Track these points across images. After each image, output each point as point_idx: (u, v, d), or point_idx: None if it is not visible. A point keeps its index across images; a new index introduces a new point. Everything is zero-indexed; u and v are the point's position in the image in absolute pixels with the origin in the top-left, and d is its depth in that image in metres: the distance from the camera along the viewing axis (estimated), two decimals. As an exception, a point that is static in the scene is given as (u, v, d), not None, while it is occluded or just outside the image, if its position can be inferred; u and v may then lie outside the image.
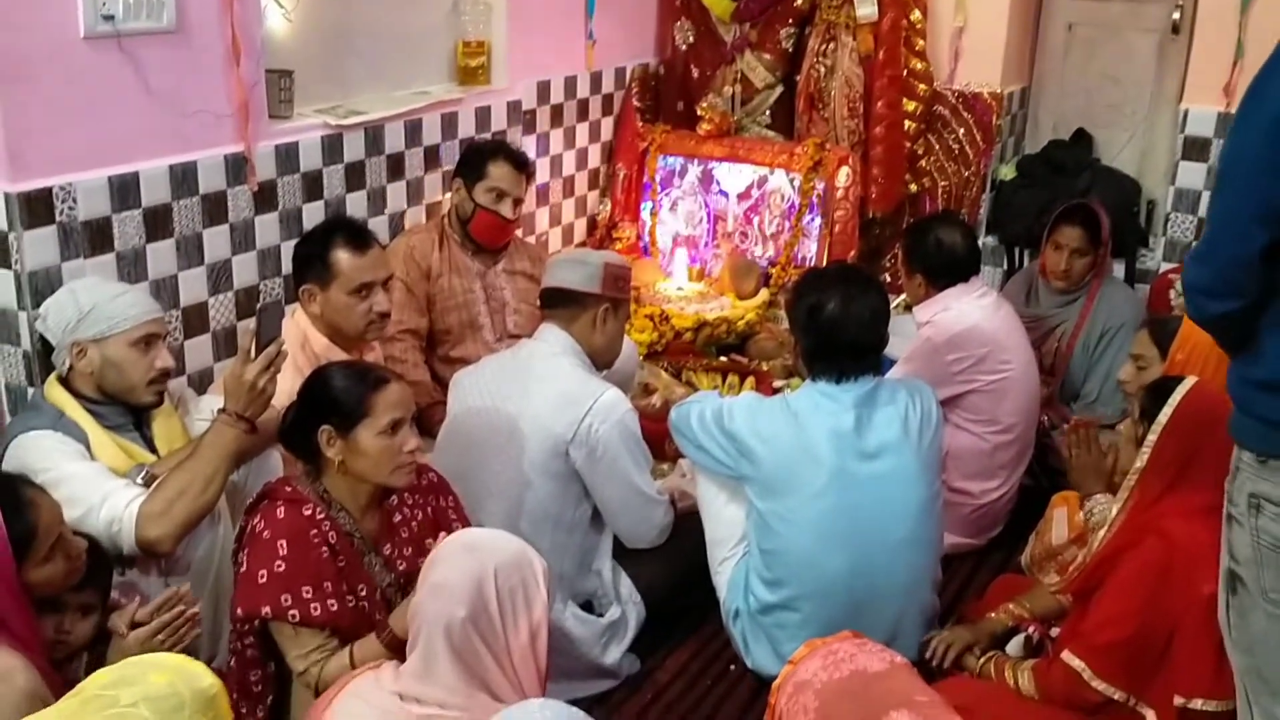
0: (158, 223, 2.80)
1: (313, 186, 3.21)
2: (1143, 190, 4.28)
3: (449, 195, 3.46)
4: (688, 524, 2.82)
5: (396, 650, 2.02)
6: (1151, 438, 2.38)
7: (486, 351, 3.07)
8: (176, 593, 2.02)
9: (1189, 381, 2.41)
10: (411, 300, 3.28)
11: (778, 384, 3.70)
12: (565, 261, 2.78)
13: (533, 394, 2.60)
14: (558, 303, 2.70)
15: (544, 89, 4.10)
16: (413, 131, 3.55)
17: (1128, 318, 3.58)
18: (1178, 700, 2.27)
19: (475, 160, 3.36)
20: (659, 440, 3.08)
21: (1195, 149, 4.03)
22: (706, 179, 4.47)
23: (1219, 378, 2.62)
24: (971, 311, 3.24)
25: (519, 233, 3.68)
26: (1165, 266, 4.10)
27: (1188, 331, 2.82)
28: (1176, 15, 4.14)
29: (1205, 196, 4.00)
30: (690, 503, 2.85)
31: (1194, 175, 4.05)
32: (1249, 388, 1.86)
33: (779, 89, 4.49)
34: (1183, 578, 2.27)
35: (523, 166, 3.38)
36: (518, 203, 3.36)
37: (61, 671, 1.98)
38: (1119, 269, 4.16)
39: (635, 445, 2.64)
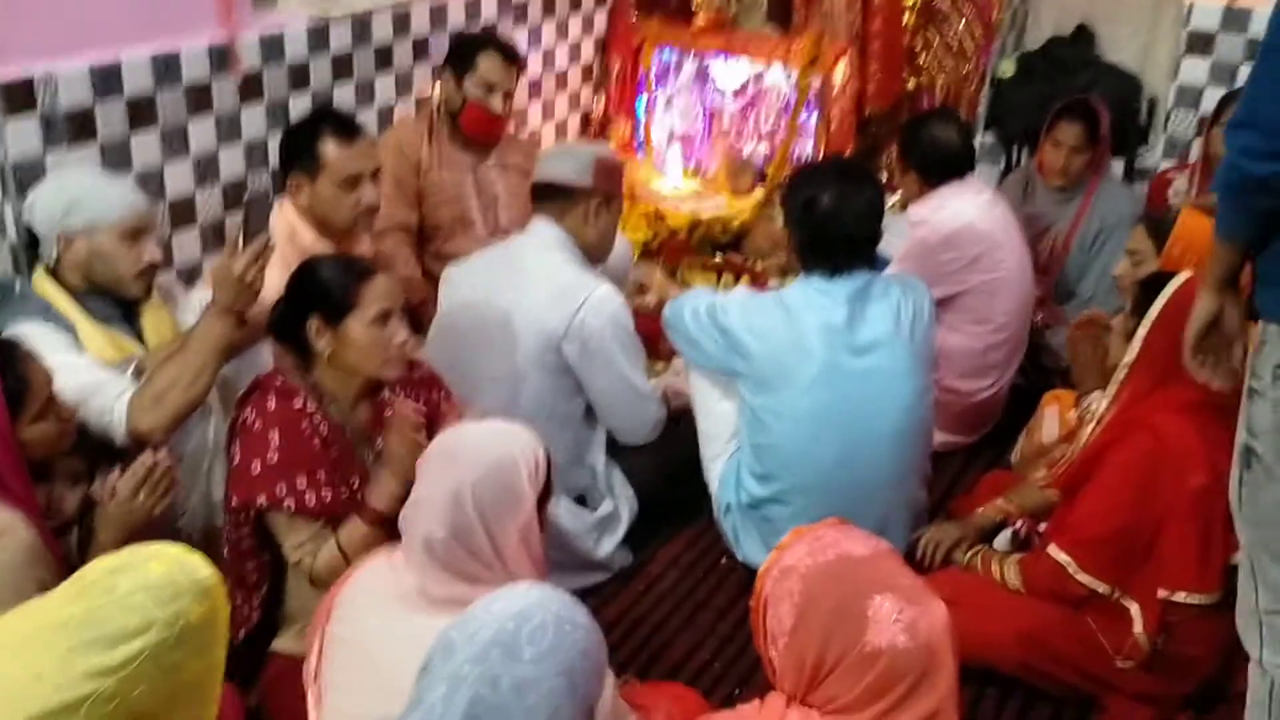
0: (141, 113, 2.75)
1: (299, 78, 3.15)
2: (1144, 87, 4.21)
3: (438, 88, 3.40)
4: (681, 420, 2.83)
5: (382, 527, 2.04)
6: (1142, 331, 2.38)
7: (478, 247, 3.04)
8: (153, 456, 2.02)
9: (1182, 276, 2.40)
10: (401, 194, 3.24)
11: (773, 283, 3.68)
12: (556, 154, 2.75)
13: (525, 288, 2.59)
14: (549, 196, 2.68)
15: (535, -22, 4.00)
16: (401, 23, 3.47)
17: (1125, 216, 3.55)
18: (1161, 593, 2.31)
19: (464, 52, 3.29)
20: (654, 339, 3.08)
21: (1199, 44, 3.96)
22: (702, 75, 4.39)
23: (1214, 271, 2.61)
24: (966, 209, 3.22)
25: (511, 128, 3.62)
26: (1165, 164, 4.06)
27: (1184, 226, 2.80)
28: (1186, -98, 4.04)
29: (1208, 93, 3.94)
30: (684, 401, 2.86)
31: (1197, 71, 3.99)
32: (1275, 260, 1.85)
33: (776, -20, 4.39)
34: (1170, 472, 2.29)
35: (513, 59, 3.31)
36: (508, 96, 3.30)
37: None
38: (1118, 167, 4.12)
39: (628, 340, 2.64)
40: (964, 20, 4.23)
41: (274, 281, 2.28)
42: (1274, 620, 2.02)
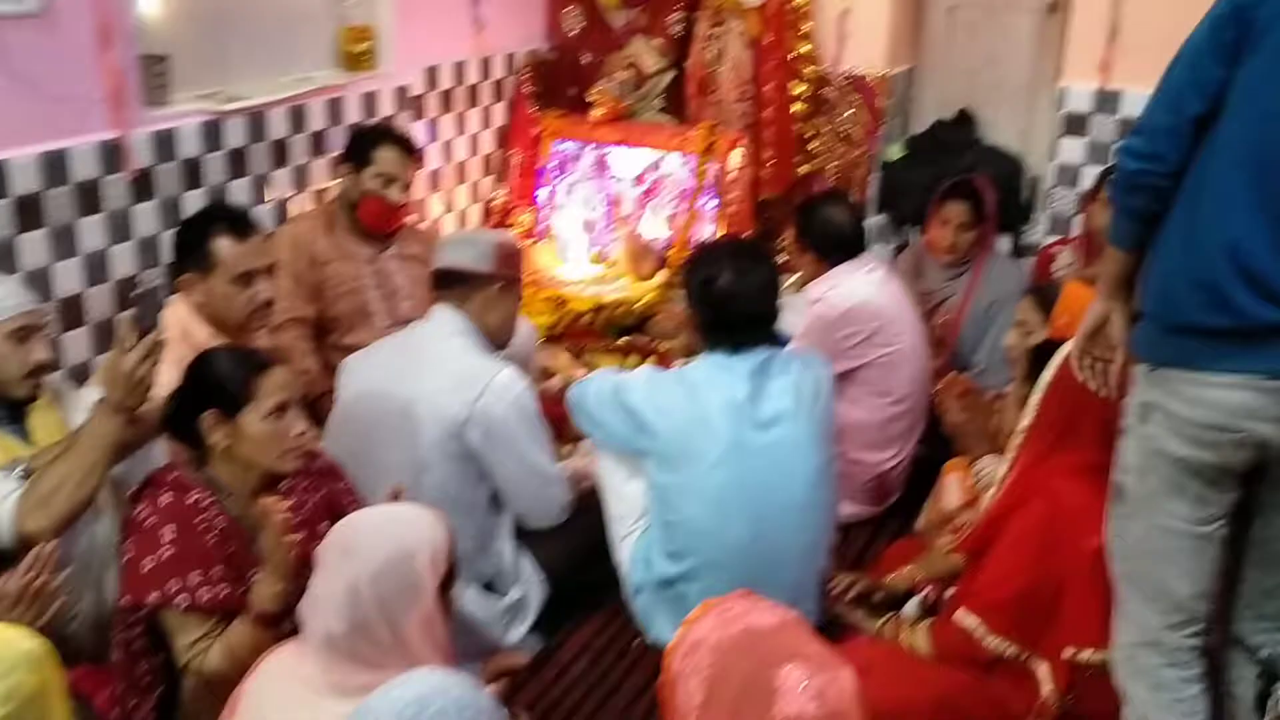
0: (29, 212, 2.71)
1: (192, 174, 3.13)
2: (1025, 167, 4.38)
3: (336, 181, 3.41)
4: (589, 503, 2.81)
5: (268, 626, 1.98)
6: (1035, 398, 2.45)
7: (379, 338, 3.02)
8: (39, 554, 1.95)
9: (1069, 344, 2.48)
10: (299, 288, 3.22)
11: (678, 364, 3.70)
12: (456, 241, 2.76)
13: (426, 375, 2.57)
14: (449, 283, 2.68)
15: (432, 75, 4.06)
16: (297, 117, 3.48)
17: (1013, 289, 3.66)
18: (1067, 652, 2.34)
19: (362, 145, 3.31)
20: (560, 422, 3.07)
21: (1074, 125, 4.14)
22: (601, 164, 4.47)
23: (1100, 339, 2.71)
24: (861, 287, 3.30)
25: (412, 219, 3.63)
26: (1048, 240, 4.21)
27: (1069, 297, 2.90)
28: (1054, -4, 4.26)
29: (1086, 171, 4.10)
30: (591, 483, 2.85)
31: (1074, 151, 4.16)
32: (1145, 296, 2.02)
33: (670, 73, 4.50)
34: (1068, 534, 2.34)
35: (410, 151, 3.34)
36: (406, 187, 3.32)
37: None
38: (1005, 243, 4.26)
39: (533, 423, 2.63)
40: (851, 108, 4.38)
41: (166, 380, 2.24)
42: (1137, 654, 2.09)
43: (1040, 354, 2.54)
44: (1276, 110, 1.81)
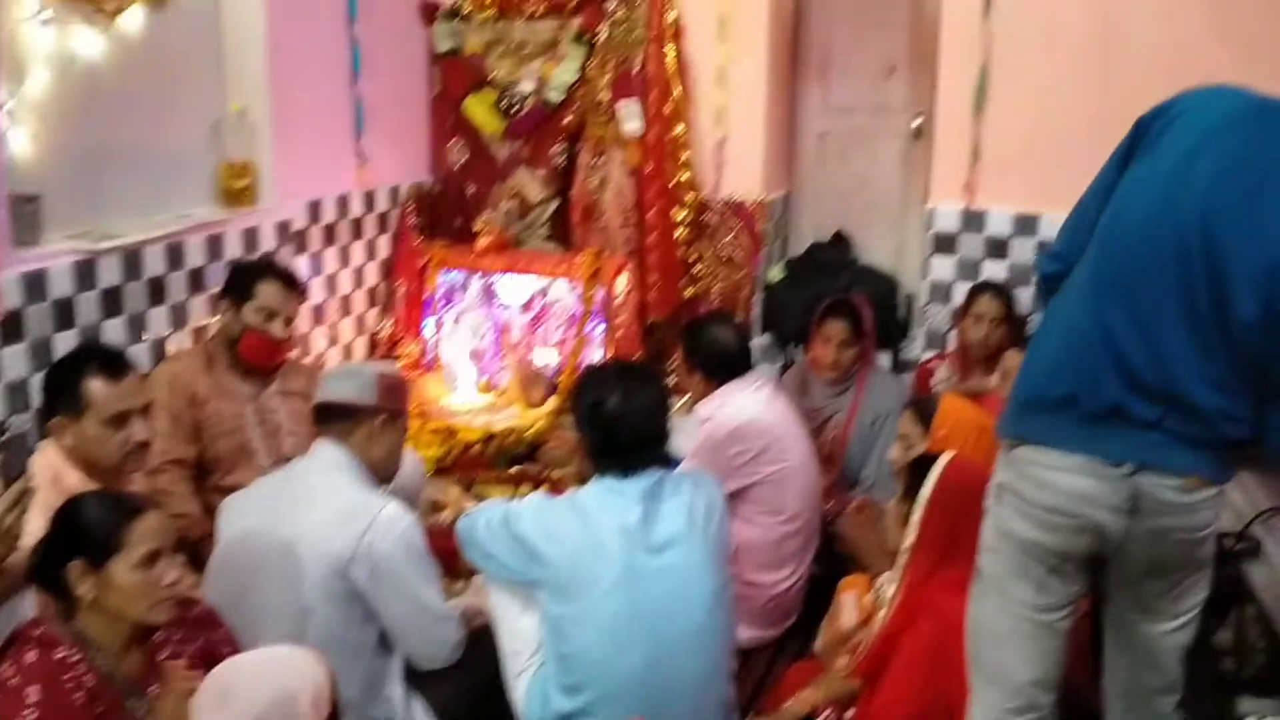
0: (-114, 358, 2.60)
1: (65, 314, 3.06)
2: (900, 285, 4.53)
3: (215, 317, 3.35)
4: (482, 640, 2.74)
5: None
6: (916, 516, 2.48)
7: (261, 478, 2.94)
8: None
9: (946, 456, 2.53)
10: (177, 428, 3.13)
11: (571, 491, 3.68)
12: (338, 375, 2.71)
13: (308, 513, 2.50)
14: (331, 417, 2.63)
15: (315, 209, 4.05)
16: (174, 254, 3.43)
17: (895, 404, 3.74)
18: (966, 769, 2.33)
19: (242, 280, 3.27)
20: (451, 557, 3.00)
21: (943, 244, 4.30)
22: (488, 292, 4.49)
23: (979, 450, 2.77)
24: (749, 405, 3.33)
25: (295, 354, 3.58)
26: (926, 355, 4.33)
27: (947, 410, 2.97)
28: (918, 122, 4.45)
29: (957, 288, 4.25)
30: (485, 619, 2.77)
31: (944, 268, 4.32)
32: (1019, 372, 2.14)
33: (554, 202, 4.58)
34: (959, 652, 2.35)
35: (292, 285, 3.31)
36: (288, 322, 3.28)
37: None
38: (885, 360, 4.37)
39: (421, 560, 2.57)
40: (732, 232, 4.49)
41: (34, 528, 2.13)
42: None
43: (918, 468, 2.57)
44: (1137, 210, 1.96)
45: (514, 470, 3.92)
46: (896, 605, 2.51)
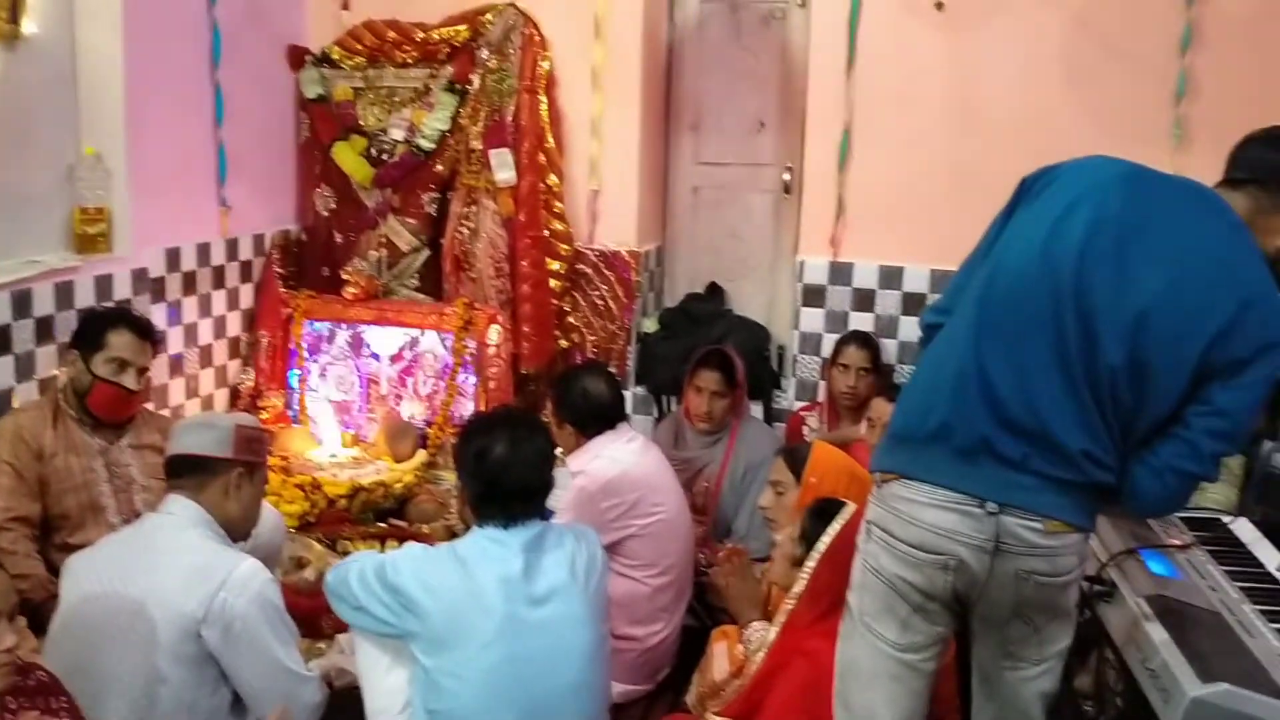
0: None
1: (-105, 366, 2.88)
2: (772, 336, 4.58)
3: (63, 368, 3.19)
4: (346, 701, 2.64)
5: None
6: (810, 564, 2.49)
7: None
8: None
9: (849, 509, 2.55)
10: (21, 485, 2.96)
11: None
12: (192, 426, 2.61)
13: (158, 572, 2.38)
14: (185, 471, 2.52)
15: (174, 256, 3.92)
16: (21, 302, 3.27)
17: (768, 454, 3.75)
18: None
19: (93, 329, 3.12)
20: (315, 616, 2.90)
21: (813, 296, 4.37)
22: (356, 343, 4.39)
23: (848, 497, 2.81)
24: (622, 457, 3.31)
25: (150, 406, 3.44)
26: (798, 405, 4.38)
27: (817, 457, 2.99)
28: (787, 177, 4.53)
29: (826, 339, 4.31)
30: (350, 679, 2.68)
31: (814, 320, 4.38)
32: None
33: (425, 252, 4.52)
34: (831, 694, 2.35)
35: (146, 334, 3.17)
36: (142, 373, 3.14)
37: None
38: (758, 410, 4.40)
39: (278, 618, 2.46)
40: (607, 283, 4.49)
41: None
42: None
43: (819, 514, 2.58)
44: (1016, 259, 2.06)
45: (381, 525, 3.82)
46: (772, 649, 2.51)
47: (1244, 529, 2.63)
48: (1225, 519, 2.67)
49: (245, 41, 4.23)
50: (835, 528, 2.50)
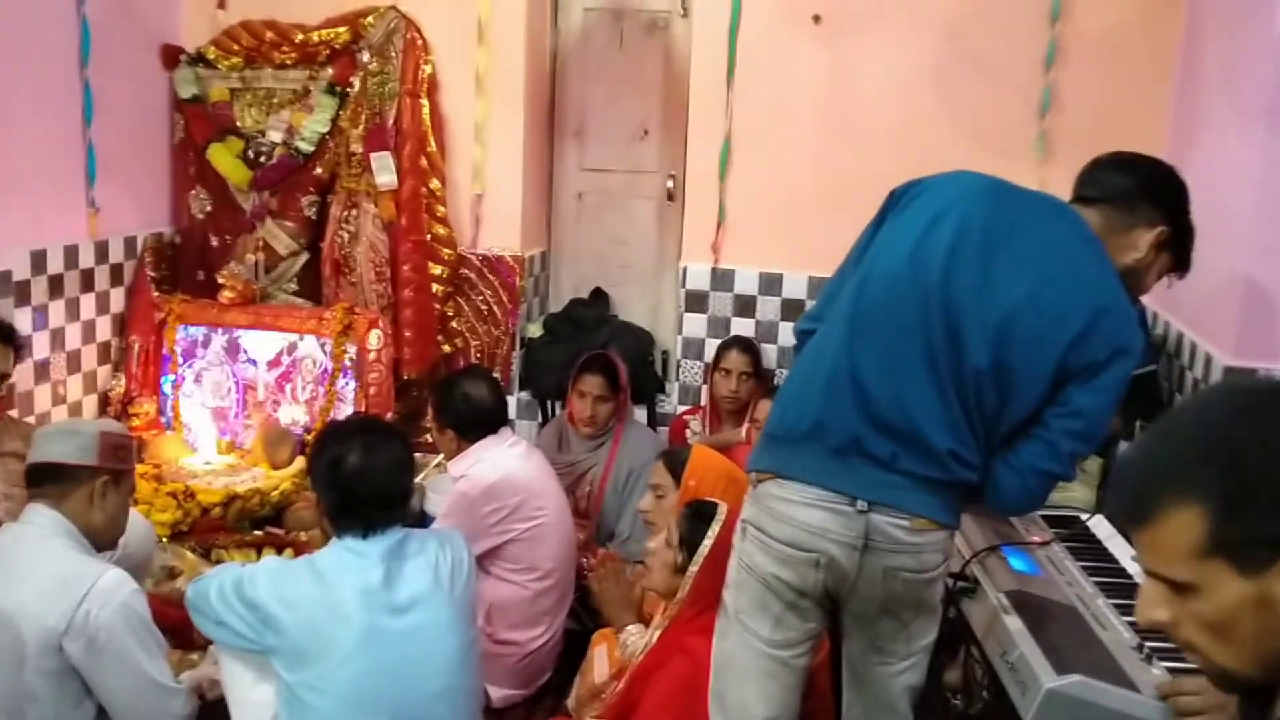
0: None
1: None
2: (656, 341, 4.62)
3: (-83, 374, 3.07)
4: (219, 713, 2.58)
5: None
6: (693, 569, 2.52)
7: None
8: None
9: (723, 510, 2.58)
10: None
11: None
12: (54, 433, 2.53)
13: (16, 584, 2.31)
14: (46, 479, 2.45)
15: (39, 258, 3.79)
16: None
17: (651, 457, 3.79)
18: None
19: (-52, 335, 3.01)
20: (187, 627, 2.81)
21: (695, 302, 4.42)
22: (233, 348, 4.30)
23: (727, 499, 2.84)
24: (503, 461, 3.31)
25: (14, 413, 3.32)
26: (681, 409, 4.42)
27: (696, 460, 3.02)
28: (670, 184, 4.58)
29: (709, 344, 4.37)
30: (221, 691, 2.62)
31: (697, 325, 4.43)
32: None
33: (304, 255, 4.45)
34: (707, 690, 2.38)
35: (8, 339, 3.07)
36: (3, 378, 3.04)
37: None
38: (641, 415, 4.43)
39: (144, 630, 2.41)
40: (490, 287, 4.47)
41: None
42: None
43: (696, 517, 2.60)
44: (886, 266, 2.13)
45: (257, 533, 3.74)
46: (650, 649, 2.53)
47: (1101, 526, 2.73)
48: (1083, 516, 2.77)
49: (117, 40, 4.11)
50: (714, 530, 2.54)
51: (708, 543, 2.54)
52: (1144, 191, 2.24)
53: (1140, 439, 1.28)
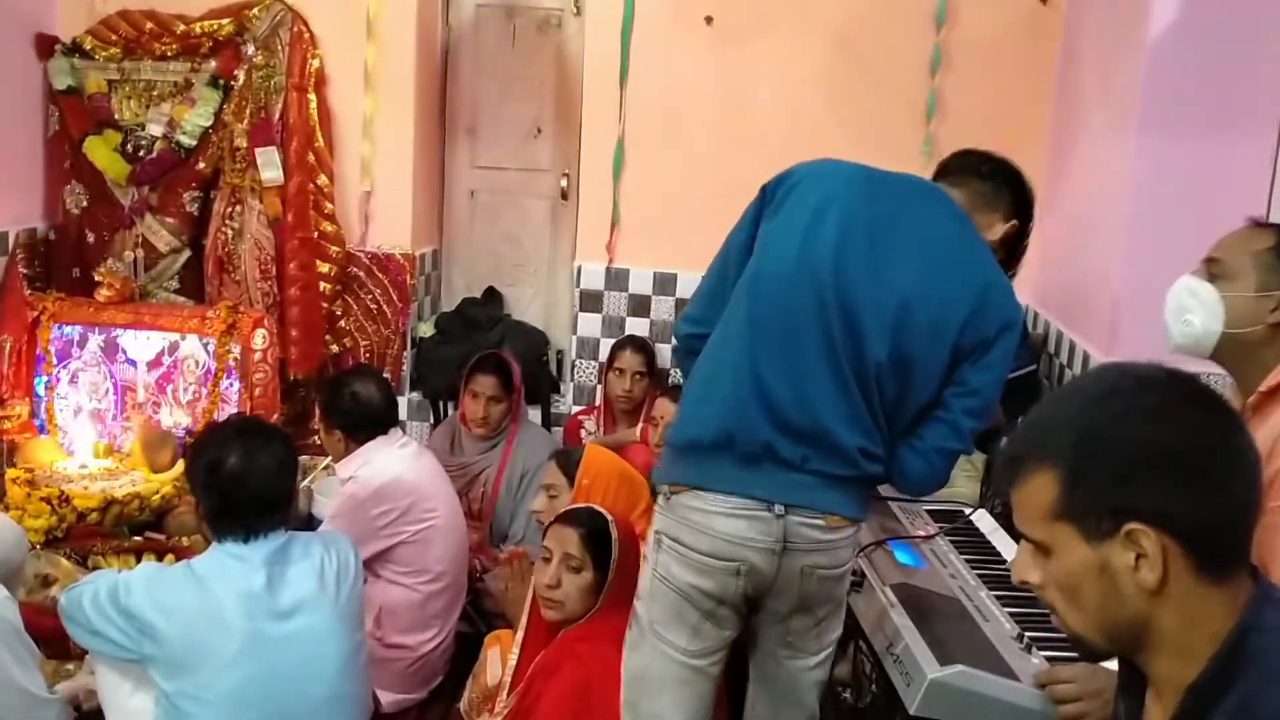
0: None
1: None
2: (550, 341, 4.60)
3: None
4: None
5: None
6: (608, 590, 2.50)
7: None
8: None
9: (610, 521, 2.57)
10: None
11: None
12: (-87, 438, 2.41)
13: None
14: (-94, 486, 2.33)
15: (-100, 254, 3.62)
16: None
17: (544, 458, 3.76)
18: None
19: None
20: (62, 636, 2.71)
21: (590, 301, 4.42)
22: (111, 348, 4.15)
23: (619, 499, 2.86)
24: (393, 462, 3.26)
25: None
26: (576, 409, 4.41)
27: (590, 460, 3.03)
28: (564, 183, 4.57)
29: (603, 343, 4.37)
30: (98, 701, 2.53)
31: (592, 325, 4.43)
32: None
33: (186, 253, 4.31)
34: (600, 696, 2.37)
35: None
36: None
37: None
38: (536, 415, 4.41)
39: (15, 639, 2.31)
40: (380, 286, 4.40)
41: None
42: None
43: (596, 540, 2.56)
44: (775, 267, 2.13)
45: (137, 539, 3.62)
46: (543, 655, 2.52)
47: (984, 520, 2.80)
48: (967, 510, 2.84)
49: (-14, 28, 3.96)
50: (616, 548, 2.53)
51: (615, 552, 2.53)
52: (1008, 183, 2.33)
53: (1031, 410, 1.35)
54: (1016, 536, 1.33)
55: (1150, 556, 1.18)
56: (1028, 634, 2.14)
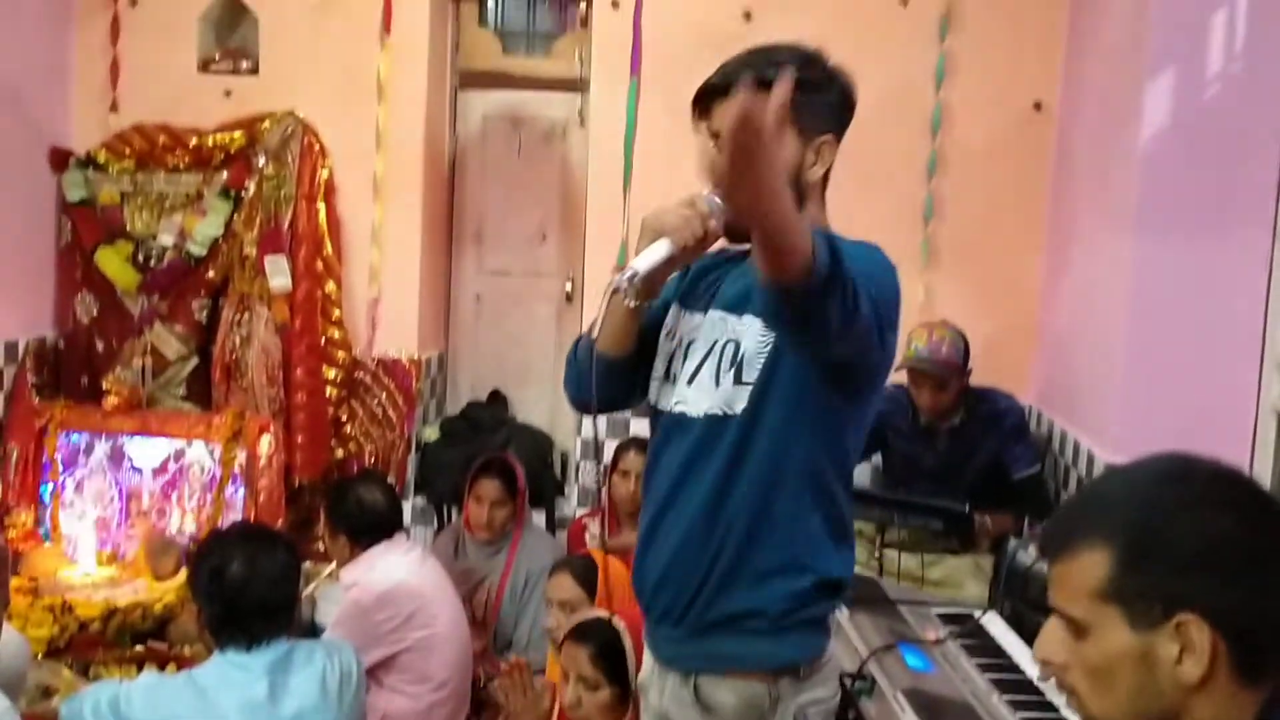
0: None
1: None
2: (555, 443, 4.60)
3: None
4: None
5: None
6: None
7: None
8: None
9: (622, 627, 2.52)
10: None
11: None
12: (-82, 547, 2.41)
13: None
14: (-92, 595, 2.32)
15: (-89, 362, 3.66)
16: None
17: (549, 562, 3.74)
18: None
19: None
20: (61, 749, 2.66)
21: (594, 403, 4.42)
22: (117, 455, 4.16)
23: (636, 607, 2.80)
24: (397, 568, 3.24)
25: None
26: (580, 511, 4.39)
27: (614, 572, 2.96)
28: (568, 287, 4.62)
29: (607, 445, 4.34)
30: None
31: (596, 426, 4.43)
32: None
33: (194, 360, 4.35)
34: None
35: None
36: None
37: None
38: (540, 518, 4.39)
39: (14, 753, 2.28)
40: (385, 391, 4.43)
41: None
42: None
43: (608, 655, 2.49)
44: None
45: (139, 649, 3.58)
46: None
47: (994, 623, 2.77)
48: (976, 614, 2.81)
49: (4, 141, 4.05)
50: (632, 660, 2.47)
51: (631, 661, 2.47)
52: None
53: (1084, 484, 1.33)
54: (1029, 639, 1.30)
55: (1198, 651, 1.13)
56: (1040, 740, 2.10)
